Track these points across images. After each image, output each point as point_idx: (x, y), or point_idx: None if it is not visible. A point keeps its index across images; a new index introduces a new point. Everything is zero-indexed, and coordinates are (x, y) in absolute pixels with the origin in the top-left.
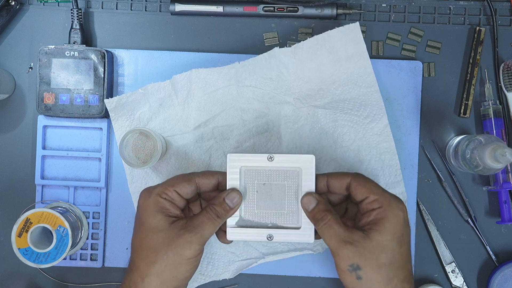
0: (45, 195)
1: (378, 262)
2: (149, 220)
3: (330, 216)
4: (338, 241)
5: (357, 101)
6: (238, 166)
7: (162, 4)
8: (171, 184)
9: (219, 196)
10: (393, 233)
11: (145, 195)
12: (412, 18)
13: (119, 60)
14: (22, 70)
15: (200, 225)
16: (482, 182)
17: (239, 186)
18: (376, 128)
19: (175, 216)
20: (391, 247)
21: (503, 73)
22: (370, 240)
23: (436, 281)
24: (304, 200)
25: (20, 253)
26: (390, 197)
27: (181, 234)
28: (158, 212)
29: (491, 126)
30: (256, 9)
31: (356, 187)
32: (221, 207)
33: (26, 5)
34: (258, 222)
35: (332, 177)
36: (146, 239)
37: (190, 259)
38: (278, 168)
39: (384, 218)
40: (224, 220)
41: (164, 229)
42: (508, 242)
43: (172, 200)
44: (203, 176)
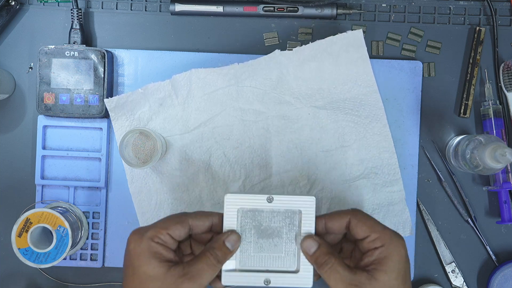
0: (45, 195)
1: None
2: (143, 268)
3: (333, 259)
4: (345, 285)
5: (356, 100)
6: (235, 207)
7: (162, 4)
8: (164, 226)
9: (219, 239)
10: (397, 272)
11: (136, 239)
12: (412, 18)
13: (119, 60)
14: (22, 70)
15: (199, 273)
16: (482, 182)
17: (236, 228)
18: (376, 128)
19: (169, 260)
20: (396, 285)
21: (503, 73)
22: (376, 281)
23: (436, 281)
24: (305, 243)
25: (20, 253)
26: (391, 234)
27: (179, 283)
28: (152, 258)
29: (491, 126)
30: (256, 9)
31: (357, 225)
32: (221, 251)
33: (26, 5)
34: (255, 266)
35: (330, 218)
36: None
37: None
38: (277, 210)
39: (388, 256)
40: (223, 264)
41: (161, 277)
42: (508, 242)
43: (164, 243)
44: (196, 217)
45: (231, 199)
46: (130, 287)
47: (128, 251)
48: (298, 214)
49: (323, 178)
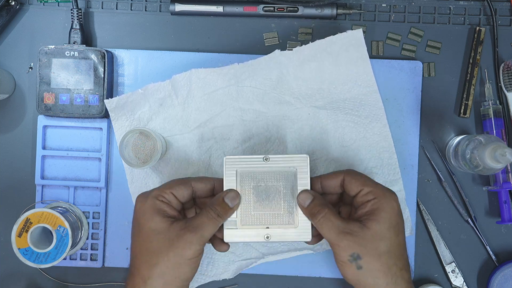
0: (45, 195)
1: (377, 251)
2: (147, 223)
3: (326, 209)
4: (337, 232)
5: (356, 100)
6: (234, 168)
7: (162, 4)
8: (168, 186)
9: (218, 196)
10: (389, 222)
11: (142, 199)
12: (412, 18)
13: (119, 60)
14: (22, 70)
15: (200, 225)
16: (482, 182)
17: (235, 188)
18: (376, 128)
19: (172, 216)
20: (388, 235)
21: (503, 73)
22: (368, 229)
23: (436, 281)
24: (300, 196)
25: (20, 253)
26: (383, 188)
27: (181, 234)
28: (156, 214)
29: (491, 126)
30: (256, 9)
31: (350, 181)
32: (221, 206)
33: (26, 5)
34: (255, 224)
35: (326, 178)
36: (146, 242)
37: (191, 259)
38: (274, 169)
39: (380, 208)
40: (224, 220)
41: (164, 231)
42: (508, 242)
43: (169, 202)
44: (199, 180)
45: (230, 160)
46: (136, 241)
47: (135, 211)
48: (294, 172)
49: None
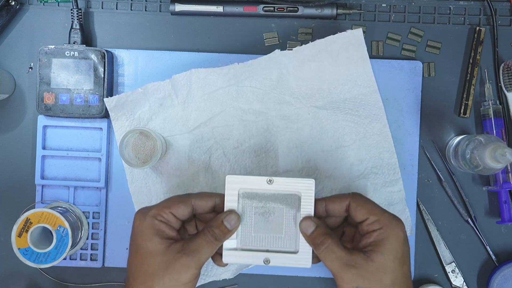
0: (45, 195)
1: (382, 284)
2: (145, 243)
3: (330, 239)
4: (340, 264)
5: (356, 100)
6: (236, 188)
7: (162, 4)
8: (167, 206)
9: (217, 218)
10: (394, 254)
11: (140, 217)
12: (412, 18)
13: (119, 60)
14: (22, 70)
15: (198, 248)
16: (482, 182)
17: (237, 209)
18: (376, 128)
19: (171, 238)
20: (393, 267)
21: (503, 73)
22: (372, 261)
23: (436, 281)
24: (303, 224)
25: (20, 253)
26: (390, 217)
27: (178, 258)
28: (154, 235)
29: (491, 126)
30: (256, 9)
31: (356, 208)
32: (219, 229)
33: (26, 5)
34: (255, 246)
35: (331, 201)
36: (143, 263)
37: (187, 283)
38: (277, 192)
39: (385, 239)
40: (222, 242)
41: (161, 253)
42: (508, 242)
43: (167, 222)
44: (199, 197)
45: (232, 180)
46: (133, 261)
47: (133, 229)
48: (298, 196)
49: (323, 178)
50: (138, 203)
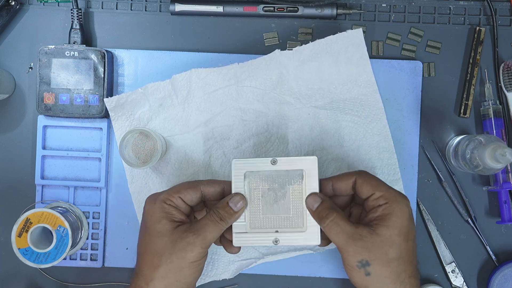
0: (45, 195)
1: (387, 257)
2: (154, 225)
3: (335, 213)
4: (346, 237)
5: (356, 101)
6: (242, 171)
7: (162, 4)
8: (176, 190)
9: (223, 200)
10: (400, 228)
11: (151, 202)
12: (412, 18)
13: (119, 60)
14: (22, 70)
15: (203, 227)
16: (482, 182)
17: (244, 192)
18: (376, 128)
19: (180, 221)
20: (398, 242)
21: (503, 73)
22: (378, 235)
23: (436, 281)
24: (309, 200)
25: (20, 253)
26: (396, 193)
27: (184, 236)
28: (163, 217)
29: (491, 126)
30: (256, 9)
31: (362, 184)
32: (225, 210)
33: (26, 5)
34: (264, 227)
35: (337, 180)
36: (150, 244)
37: (193, 262)
38: (282, 171)
39: (391, 213)
40: (228, 224)
41: (168, 233)
42: (508, 242)
43: (176, 206)
44: (208, 184)
45: (238, 163)
46: (142, 243)
47: (143, 213)
48: (302, 174)
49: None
50: (138, 203)
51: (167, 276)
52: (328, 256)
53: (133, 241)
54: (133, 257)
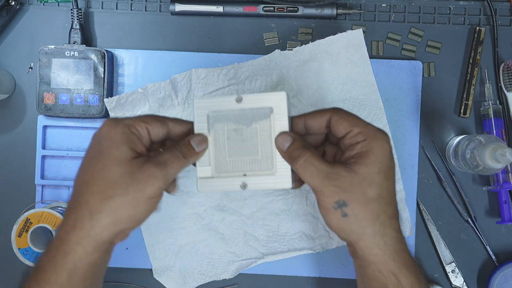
0: (45, 195)
1: (365, 197)
2: (111, 150)
3: (308, 152)
4: (322, 178)
5: (356, 101)
6: (205, 111)
7: (162, 4)
8: (143, 120)
9: (185, 138)
10: (379, 166)
11: (111, 124)
12: (412, 18)
13: (119, 60)
14: (22, 70)
15: (166, 161)
16: (482, 182)
17: (208, 133)
18: None
19: (140, 153)
20: (378, 180)
21: (503, 73)
22: (355, 173)
23: (436, 281)
24: (279, 139)
25: (20, 253)
26: (375, 129)
27: (145, 169)
28: (124, 143)
29: (491, 126)
30: (256, 9)
31: (338, 121)
32: (187, 148)
33: (26, 5)
34: (231, 171)
35: (310, 117)
36: (104, 171)
37: (151, 198)
38: (248, 109)
39: (370, 150)
40: (190, 163)
41: (127, 162)
42: (508, 242)
43: (140, 136)
44: (175, 121)
45: (200, 103)
46: (90, 169)
47: (98, 134)
48: (271, 112)
49: None
50: None
51: (119, 209)
52: (328, 256)
53: (133, 241)
54: (134, 257)
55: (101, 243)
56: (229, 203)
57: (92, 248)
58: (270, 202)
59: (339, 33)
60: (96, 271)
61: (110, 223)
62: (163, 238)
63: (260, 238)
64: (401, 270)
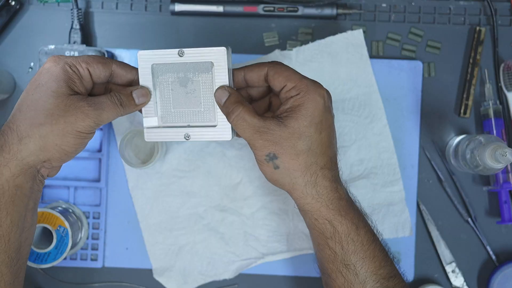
0: (45, 195)
1: (295, 150)
2: (50, 83)
3: (241, 107)
4: (253, 131)
5: (356, 101)
6: (149, 63)
7: (162, 4)
8: (85, 60)
9: (128, 89)
10: (310, 119)
11: (54, 61)
12: (412, 18)
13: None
14: (22, 70)
15: (101, 104)
16: (482, 182)
17: (152, 85)
18: (376, 128)
19: (78, 92)
20: (308, 133)
21: (503, 73)
22: (285, 127)
23: (436, 281)
24: (217, 93)
25: None
26: (309, 82)
27: (79, 106)
28: (63, 80)
29: (491, 126)
30: (256, 9)
31: (274, 76)
32: (126, 97)
33: (26, 5)
34: (175, 122)
35: (249, 70)
36: (40, 100)
37: (80, 132)
38: (191, 63)
39: (301, 104)
40: (126, 112)
41: (63, 96)
42: (508, 242)
43: (81, 76)
44: (120, 65)
45: (143, 55)
46: (28, 97)
47: (41, 69)
48: (212, 66)
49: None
50: (138, 204)
51: (47, 136)
52: None
53: (133, 241)
54: (134, 257)
55: (27, 167)
56: (229, 203)
57: (18, 171)
58: (271, 201)
59: (339, 33)
60: (24, 197)
61: (38, 148)
62: (163, 238)
63: (260, 238)
64: (336, 217)
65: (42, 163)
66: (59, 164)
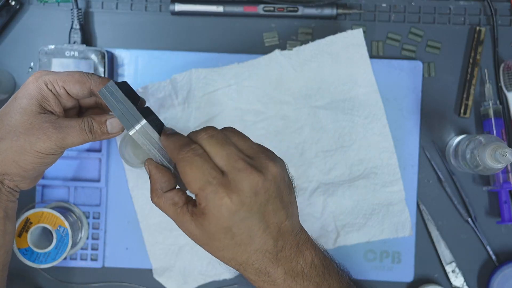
0: (45, 195)
1: (213, 251)
2: (22, 99)
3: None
4: (174, 216)
5: (356, 101)
6: None
7: (162, 4)
8: (63, 79)
9: (103, 115)
10: (215, 226)
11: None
12: (412, 18)
13: (119, 60)
14: (22, 70)
15: (67, 128)
16: (482, 182)
17: None
18: (375, 128)
19: (50, 111)
20: (218, 237)
21: (503, 73)
22: (200, 225)
23: (436, 281)
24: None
25: (20, 253)
26: (210, 193)
27: (44, 126)
28: (35, 98)
29: (491, 126)
30: (256, 9)
31: (180, 173)
32: (99, 126)
33: (26, 5)
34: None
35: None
36: (8, 115)
37: (39, 152)
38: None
39: (204, 213)
40: (96, 139)
41: (30, 115)
42: (508, 242)
43: (58, 95)
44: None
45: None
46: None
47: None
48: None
49: (323, 178)
50: (138, 204)
51: (6, 151)
52: None
53: (133, 241)
54: (134, 257)
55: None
56: None
57: None
58: None
59: (339, 33)
60: None
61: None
62: (163, 238)
63: None
64: None
65: (3, 176)
66: (20, 179)
